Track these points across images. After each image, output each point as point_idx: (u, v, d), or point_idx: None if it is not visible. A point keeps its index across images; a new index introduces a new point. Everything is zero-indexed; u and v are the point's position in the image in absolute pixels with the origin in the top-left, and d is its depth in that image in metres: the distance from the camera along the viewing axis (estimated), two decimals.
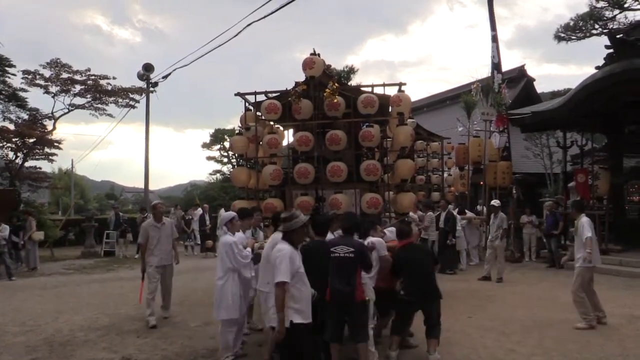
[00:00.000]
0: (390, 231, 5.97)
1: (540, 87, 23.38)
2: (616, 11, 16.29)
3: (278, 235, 5.22)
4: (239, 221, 5.60)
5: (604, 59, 11.09)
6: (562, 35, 17.21)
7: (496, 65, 14.54)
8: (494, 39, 14.73)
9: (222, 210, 11.38)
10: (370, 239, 5.23)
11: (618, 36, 11.29)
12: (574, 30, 16.91)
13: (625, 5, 16.09)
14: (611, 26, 16.02)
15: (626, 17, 16.11)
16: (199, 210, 16.89)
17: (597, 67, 11.17)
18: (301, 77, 7.06)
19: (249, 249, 5.50)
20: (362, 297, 4.70)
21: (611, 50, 10.94)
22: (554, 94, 20.90)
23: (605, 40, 11.28)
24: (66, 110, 20.51)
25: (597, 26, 16.58)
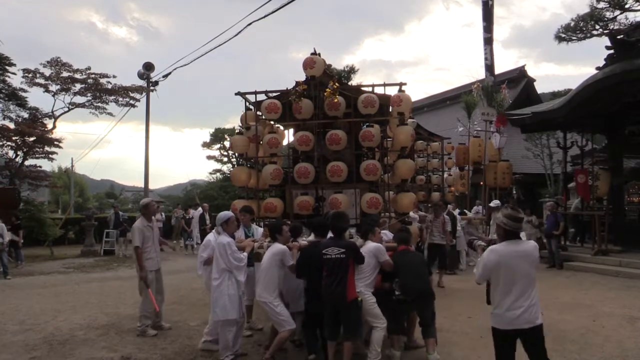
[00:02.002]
0: (385, 233, 5.96)
1: (538, 88, 23.46)
2: (617, 12, 16.27)
3: (279, 246, 5.19)
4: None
5: (605, 59, 11.08)
6: (563, 35, 17.20)
7: (489, 67, 14.55)
8: (488, 41, 14.72)
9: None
10: (368, 246, 5.10)
11: (619, 37, 11.28)
12: (575, 30, 16.90)
13: (626, 6, 16.09)
14: (612, 27, 16.01)
15: (627, 18, 16.12)
16: (199, 210, 16.88)
17: (598, 68, 11.17)
18: (301, 77, 7.04)
19: (245, 253, 5.42)
20: (354, 296, 4.77)
21: (612, 51, 10.94)
22: (554, 95, 20.89)
23: (605, 41, 11.27)
24: (66, 109, 20.59)
25: (597, 27, 16.56)
